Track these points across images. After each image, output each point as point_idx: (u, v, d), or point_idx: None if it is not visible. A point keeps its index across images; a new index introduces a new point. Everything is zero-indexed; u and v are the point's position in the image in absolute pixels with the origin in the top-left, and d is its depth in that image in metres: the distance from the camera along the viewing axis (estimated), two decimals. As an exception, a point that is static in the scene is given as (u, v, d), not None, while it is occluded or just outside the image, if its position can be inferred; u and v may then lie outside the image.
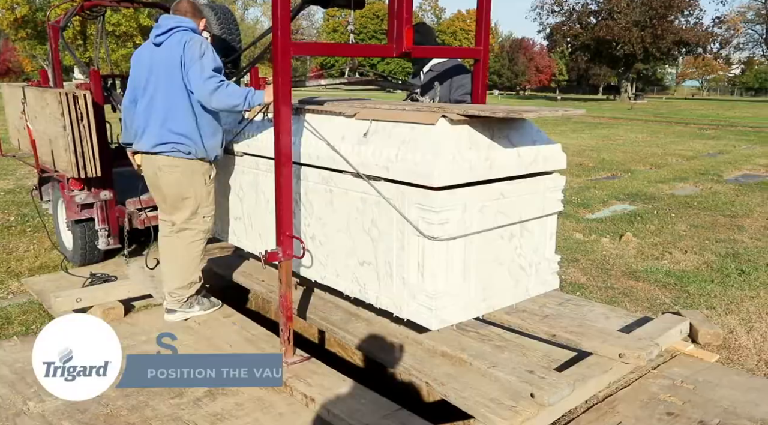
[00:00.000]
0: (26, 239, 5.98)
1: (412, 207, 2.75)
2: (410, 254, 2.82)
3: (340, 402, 2.73)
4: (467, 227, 2.80)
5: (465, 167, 2.74)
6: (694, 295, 4.66)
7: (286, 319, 3.02)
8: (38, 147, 5.05)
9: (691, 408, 2.99)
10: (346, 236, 3.13)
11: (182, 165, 3.43)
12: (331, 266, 3.28)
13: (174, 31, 3.37)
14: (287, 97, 2.81)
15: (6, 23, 41.74)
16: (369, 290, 3.08)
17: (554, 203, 3.24)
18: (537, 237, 3.22)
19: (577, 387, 2.90)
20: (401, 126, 2.90)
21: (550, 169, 3.19)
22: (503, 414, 2.62)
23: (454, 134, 2.79)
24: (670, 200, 8.47)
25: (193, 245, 3.59)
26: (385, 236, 2.92)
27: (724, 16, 48.98)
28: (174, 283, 3.62)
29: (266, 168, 3.60)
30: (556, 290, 3.65)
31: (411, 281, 2.84)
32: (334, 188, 3.14)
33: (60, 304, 3.90)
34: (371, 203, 2.95)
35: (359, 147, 2.99)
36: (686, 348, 3.64)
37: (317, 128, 3.19)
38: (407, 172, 2.75)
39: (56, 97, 4.36)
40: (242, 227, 4.02)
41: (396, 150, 2.82)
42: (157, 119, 3.40)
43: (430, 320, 2.80)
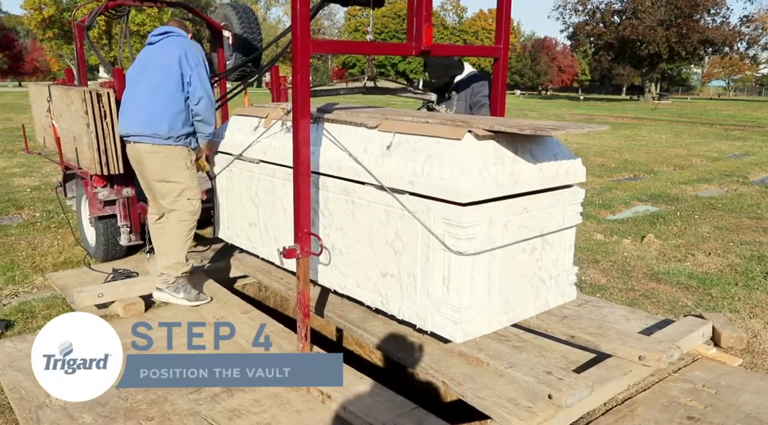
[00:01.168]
0: (50, 235, 6.08)
1: (439, 222, 2.75)
2: (435, 268, 2.81)
3: (357, 399, 2.74)
4: (492, 242, 2.80)
5: (491, 182, 2.74)
6: (718, 298, 4.58)
7: (303, 316, 3.03)
8: (63, 144, 5.14)
9: (712, 412, 2.94)
10: (367, 247, 3.14)
11: (163, 151, 3.67)
12: (351, 276, 3.29)
13: (169, 34, 3.78)
14: (306, 95, 2.82)
15: (34, 23, 42.56)
16: (391, 301, 3.09)
17: (574, 215, 3.24)
18: (557, 250, 3.21)
19: (595, 389, 2.87)
20: (426, 140, 2.90)
21: (570, 182, 3.19)
22: (520, 414, 2.60)
23: (480, 149, 2.78)
24: (693, 201, 8.34)
25: (181, 225, 3.78)
26: (409, 248, 2.92)
27: (752, 15, 48.00)
28: (162, 261, 3.84)
29: (283, 176, 3.62)
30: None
31: (436, 295, 2.84)
32: (356, 200, 3.15)
33: (82, 299, 3.96)
34: (395, 215, 2.96)
35: (382, 159, 3.00)
36: (708, 351, 3.58)
37: (338, 138, 3.21)
38: (433, 186, 2.75)
39: (80, 96, 4.42)
40: (258, 233, 4.03)
41: (421, 164, 2.83)
42: (141, 106, 3.69)
43: (455, 333, 2.80)
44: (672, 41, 43.56)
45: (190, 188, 3.79)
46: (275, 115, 3.70)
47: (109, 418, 2.80)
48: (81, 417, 2.83)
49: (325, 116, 3.40)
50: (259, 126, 3.88)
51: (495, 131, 2.81)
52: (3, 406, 3.06)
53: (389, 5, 60.76)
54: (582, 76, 75.01)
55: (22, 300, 4.35)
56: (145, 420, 2.80)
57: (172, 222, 3.81)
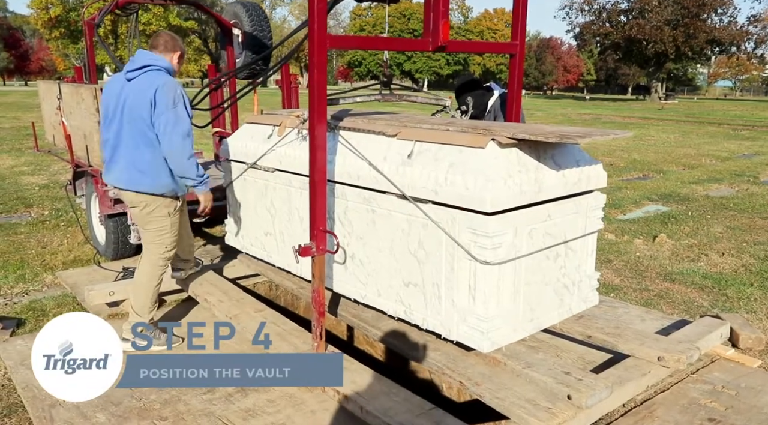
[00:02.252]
0: (60, 233, 6.07)
1: (464, 231, 2.71)
2: (460, 277, 2.78)
3: (373, 399, 2.70)
4: (518, 251, 2.77)
5: (516, 190, 2.71)
6: (733, 298, 4.53)
7: (318, 315, 3.00)
8: (73, 142, 5.12)
9: (734, 414, 2.90)
10: (389, 256, 3.10)
11: (145, 200, 3.40)
12: (372, 285, 3.26)
13: (147, 69, 3.27)
14: (323, 91, 2.78)
15: (40, 23, 42.72)
16: (415, 311, 3.06)
17: (595, 221, 3.21)
18: (579, 255, 3.19)
19: (614, 390, 2.83)
20: (448, 148, 2.87)
21: (592, 188, 3.16)
22: (540, 415, 2.56)
23: (503, 157, 2.75)
24: (704, 201, 8.27)
25: (151, 268, 3.51)
26: (432, 258, 2.88)
27: (759, 15, 47.71)
28: (132, 300, 3.58)
29: (299, 185, 3.59)
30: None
31: (461, 304, 2.81)
32: (377, 209, 3.11)
33: (93, 297, 3.94)
34: (417, 224, 2.92)
35: (403, 168, 2.97)
36: (726, 352, 3.54)
37: (356, 146, 3.18)
38: (458, 196, 2.72)
39: (92, 93, 4.41)
40: (273, 242, 3.99)
41: (444, 173, 2.79)
42: (122, 155, 3.35)
43: (481, 342, 2.77)
44: (679, 41, 43.36)
45: (168, 236, 3.51)
46: (290, 123, 3.66)
47: (123, 418, 2.78)
48: (94, 416, 2.80)
49: (340, 124, 3.37)
50: (272, 134, 3.84)
51: (519, 138, 2.78)
52: (16, 405, 3.04)
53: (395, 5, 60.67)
54: (587, 76, 74.80)
55: (32, 298, 4.33)
56: (159, 420, 2.78)
57: (144, 261, 3.56)
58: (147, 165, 3.30)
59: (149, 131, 3.24)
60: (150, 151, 3.28)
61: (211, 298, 3.84)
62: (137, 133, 3.26)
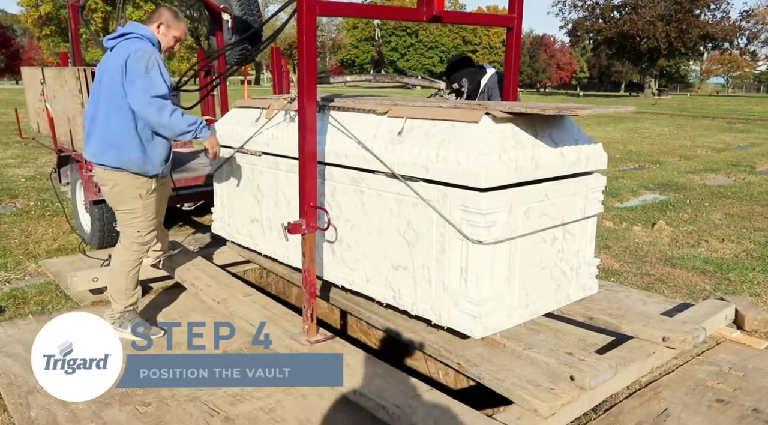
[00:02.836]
0: (45, 222, 5.91)
1: (456, 209, 2.58)
2: (452, 259, 2.64)
3: (367, 381, 2.57)
4: (512, 231, 2.63)
5: (511, 166, 2.57)
6: (736, 282, 4.42)
7: (309, 295, 2.87)
8: (56, 127, 4.97)
9: (742, 395, 2.78)
10: (378, 239, 2.96)
11: (115, 178, 3.16)
12: (360, 270, 3.11)
13: (125, 37, 3.11)
14: (313, 58, 2.65)
15: (30, 20, 42.29)
16: (404, 296, 2.91)
17: (595, 204, 3.08)
18: (578, 240, 3.05)
19: (618, 371, 2.71)
20: (440, 124, 2.74)
21: (591, 169, 3.02)
22: (542, 396, 2.44)
23: (498, 132, 2.62)
24: (702, 190, 8.18)
25: (126, 253, 3.30)
26: (423, 239, 2.75)
27: (752, 10, 47.82)
28: (109, 287, 3.39)
29: (287, 168, 3.45)
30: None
31: (452, 287, 2.67)
32: (366, 189, 2.97)
33: (76, 283, 3.80)
34: (407, 204, 2.78)
35: (393, 146, 2.83)
36: (732, 334, 3.43)
37: (345, 125, 3.04)
38: (450, 172, 2.58)
39: (74, 74, 4.26)
40: (260, 229, 3.85)
41: (436, 149, 2.65)
42: (97, 126, 3.15)
43: (474, 328, 2.63)
44: (672, 36, 43.39)
45: (140, 220, 3.26)
46: (278, 105, 3.53)
47: (103, 404, 2.64)
48: (73, 403, 2.66)
49: (330, 105, 3.24)
50: (260, 117, 3.71)
51: (514, 112, 2.65)
52: (-9, 392, 2.89)
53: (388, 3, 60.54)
54: (580, 73, 74.79)
55: (14, 286, 4.18)
56: (142, 406, 2.64)
57: (118, 247, 3.36)
58: (115, 136, 3.09)
59: (121, 99, 3.03)
60: (120, 121, 3.07)
61: (199, 283, 3.70)
62: (110, 102, 3.07)
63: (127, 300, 3.31)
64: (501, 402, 2.62)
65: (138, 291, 3.39)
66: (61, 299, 3.91)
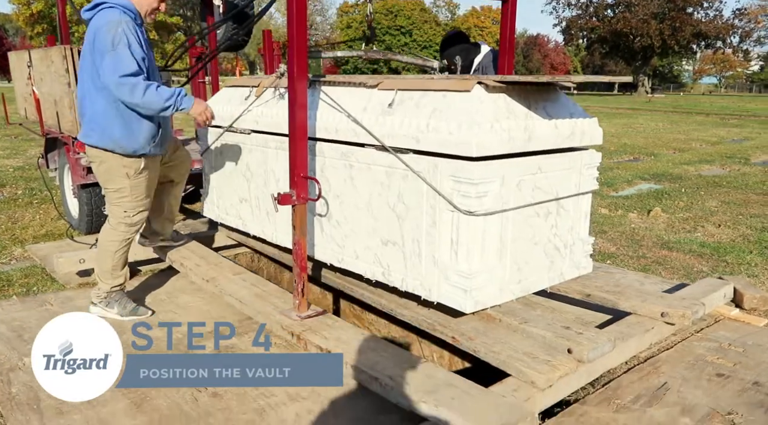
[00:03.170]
0: (32, 210, 5.81)
1: (446, 180, 2.50)
2: (442, 232, 2.56)
3: (359, 354, 2.50)
4: (504, 203, 2.55)
5: (504, 136, 2.49)
6: (733, 264, 4.37)
7: (300, 269, 2.79)
8: (43, 110, 4.89)
9: (743, 369, 2.73)
10: (367, 214, 2.88)
11: (102, 157, 3.04)
12: (349, 247, 3.03)
13: (100, 7, 2.90)
14: (302, 30, 2.58)
15: (22, 19, 41.99)
16: (393, 272, 2.83)
17: (590, 180, 3.00)
18: (572, 216, 2.97)
19: (617, 346, 2.65)
20: (431, 94, 2.66)
21: (586, 144, 2.95)
22: (539, 368, 2.37)
23: (491, 102, 2.54)
24: (697, 179, 8.15)
25: (113, 233, 3.19)
26: (413, 212, 2.67)
27: (744, 8, 48.02)
28: (96, 267, 3.28)
29: (276, 145, 3.37)
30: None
31: (443, 261, 2.59)
32: (355, 163, 2.89)
33: (62, 264, 3.71)
34: (397, 177, 2.70)
35: (384, 118, 2.75)
36: (731, 312, 3.37)
37: (336, 99, 2.96)
38: (440, 142, 2.50)
39: (60, 53, 4.18)
40: (249, 209, 3.76)
41: (426, 119, 2.58)
42: (84, 107, 3.03)
43: (464, 302, 2.55)
44: (665, 34, 43.51)
45: (128, 200, 3.12)
46: (268, 82, 3.45)
47: (88, 380, 2.55)
48: (56, 379, 2.58)
49: (320, 79, 3.17)
50: (250, 96, 3.63)
51: (507, 82, 2.58)
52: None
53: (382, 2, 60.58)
54: (574, 73, 74.95)
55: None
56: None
57: (105, 226, 3.24)
58: (98, 115, 2.95)
59: (97, 76, 2.86)
60: (102, 98, 2.91)
61: (188, 262, 3.62)
62: (89, 79, 2.92)
63: (113, 280, 3.21)
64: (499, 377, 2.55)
65: (125, 272, 3.29)
66: (46, 281, 3.83)
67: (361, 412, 2.34)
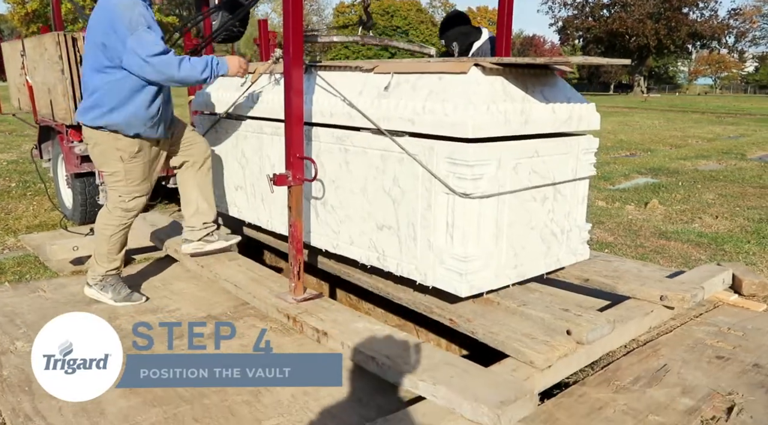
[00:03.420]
0: (26, 201, 5.76)
1: (442, 162, 2.46)
2: (438, 215, 2.52)
3: (356, 335, 2.47)
4: (501, 186, 2.52)
5: (500, 118, 2.46)
6: (732, 253, 4.36)
7: (296, 252, 2.76)
8: (37, 100, 4.85)
9: (743, 352, 2.70)
10: (362, 198, 2.85)
11: (96, 138, 2.97)
12: (344, 233, 2.99)
13: None
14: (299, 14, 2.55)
15: (17, 18, 41.83)
16: (389, 257, 2.79)
17: (587, 166, 2.97)
18: (569, 201, 2.93)
19: (616, 328, 2.62)
20: (427, 77, 2.63)
21: (584, 129, 2.92)
22: (538, 348, 2.34)
23: (487, 83, 2.51)
24: (694, 174, 8.14)
25: (108, 217, 3.12)
26: (408, 195, 2.63)
27: (740, 9, 48.18)
28: (93, 250, 3.22)
29: (271, 131, 3.34)
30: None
31: (438, 244, 2.55)
32: (350, 147, 2.85)
33: (55, 252, 3.67)
34: (393, 160, 2.67)
35: (379, 101, 2.72)
36: (729, 298, 3.35)
37: (331, 83, 2.92)
38: (436, 124, 2.47)
39: (54, 39, 4.13)
40: (244, 197, 3.72)
41: (423, 101, 2.55)
42: (84, 85, 3.01)
43: (459, 286, 2.51)
44: (661, 34, 43.62)
45: (122, 184, 3.05)
46: (263, 68, 3.42)
47: (80, 362, 2.52)
48: (48, 362, 2.55)
49: (316, 64, 3.14)
50: (245, 82, 3.59)
51: (504, 64, 2.55)
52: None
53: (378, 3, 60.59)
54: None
55: (-8, 259, 4.04)
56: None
57: (103, 209, 3.19)
58: (96, 92, 2.88)
59: (101, 54, 2.81)
60: (99, 77, 2.86)
61: (182, 249, 3.58)
62: (92, 56, 2.88)
63: (109, 264, 3.15)
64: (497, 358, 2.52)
65: (121, 256, 3.22)
66: (39, 269, 3.79)
67: (358, 392, 2.31)
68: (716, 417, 2.20)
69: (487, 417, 1.94)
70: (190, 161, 3.38)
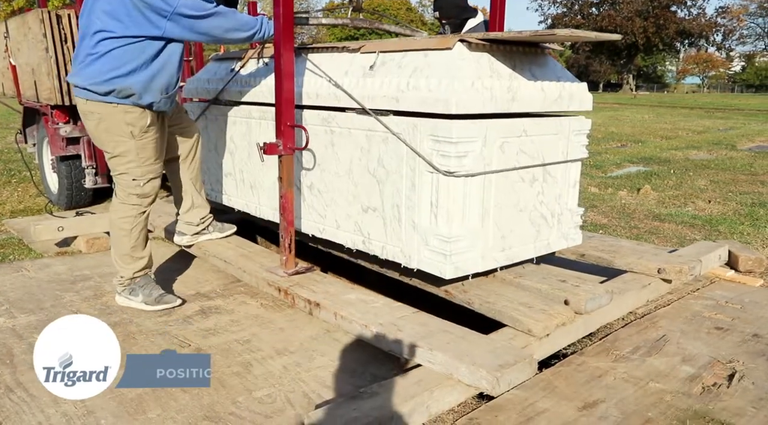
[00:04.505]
0: (11, 187, 5.65)
1: (426, 139, 2.38)
2: (422, 195, 2.43)
3: (349, 306, 2.40)
4: (487, 165, 2.42)
5: (486, 95, 2.37)
6: (726, 233, 4.33)
7: (287, 224, 2.69)
8: (21, 82, 4.74)
9: (741, 323, 2.67)
10: (347, 180, 2.76)
11: (98, 110, 2.62)
12: (330, 217, 2.90)
13: None
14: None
15: (4, 16, 41.44)
16: (374, 240, 2.69)
17: (579, 148, 2.86)
18: (560, 184, 2.83)
19: (614, 299, 2.58)
20: (412, 54, 2.55)
21: (575, 108, 2.82)
22: (536, 317, 2.29)
23: (473, 59, 2.43)
24: (685, 162, 8.14)
25: (123, 209, 2.76)
26: (393, 176, 2.54)
27: (727, 7, 48.55)
28: (112, 251, 2.87)
29: (259, 115, 3.25)
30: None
31: (422, 225, 2.45)
32: (336, 129, 2.77)
33: (40, 232, 3.58)
34: (377, 140, 2.58)
35: (364, 80, 2.64)
36: (726, 274, 3.32)
37: (318, 64, 2.84)
38: (420, 101, 2.39)
39: (38, 16, 4.04)
40: (233, 183, 3.62)
41: (407, 79, 2.47)
42: (80, 51, 2.63)
43: (444, 267, 2.39)
44: (649, 32, 43.82)
45: (135, 165, 2.70)
46: (252, 52, 3.33)
47: (65, 337, 2.44)
48: (31, 336, 2.47)
49: (303, 47, 3.05)
50: (235, 67, 3.50)
51: (489, 40, 2.47)
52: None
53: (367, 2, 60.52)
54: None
55: (-26, 242, 3.94)
56: (107, 339, 2.44)
57: (114, 202, 2.80)
58: (110, 54, 2.54)
59: (125, 16, 2.51)
60: (111, 41, 2.53)
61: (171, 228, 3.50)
62: (95, 16, 2.53)
63: (135, 264, 2.79)
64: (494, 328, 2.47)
65: (147, 254, 2.84)
66: (24, 250, 3.70)
67: (352, 363, 2.25)
68: (717, 383, 2.16)
69: (485, 380, 1.88)
70: (183, 155, 3.13)
